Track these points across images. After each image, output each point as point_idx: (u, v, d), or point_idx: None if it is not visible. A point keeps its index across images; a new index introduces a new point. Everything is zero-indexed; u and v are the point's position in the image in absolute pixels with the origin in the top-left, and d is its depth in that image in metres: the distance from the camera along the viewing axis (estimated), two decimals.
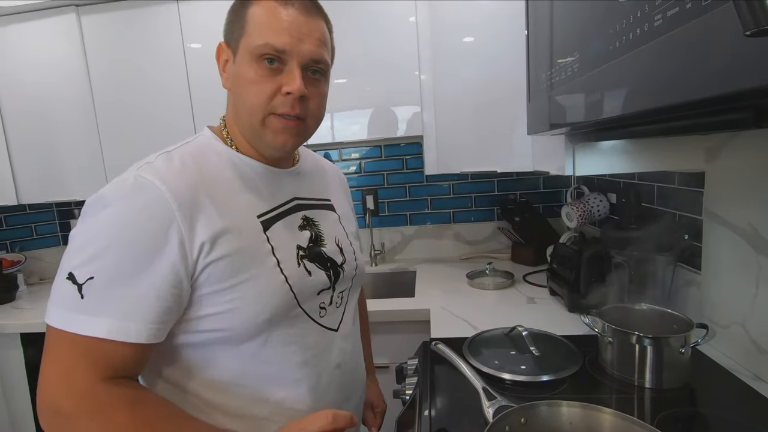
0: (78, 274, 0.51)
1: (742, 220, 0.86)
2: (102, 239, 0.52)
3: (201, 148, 0.64)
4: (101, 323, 0.51)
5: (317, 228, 0.72)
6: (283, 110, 0.61)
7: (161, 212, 0.53)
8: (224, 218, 0.58)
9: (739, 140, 0.87)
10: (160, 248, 0.53)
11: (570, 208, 1.47)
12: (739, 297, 0.88)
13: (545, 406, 0.64)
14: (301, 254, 0.67)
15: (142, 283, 0.52)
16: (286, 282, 0.62)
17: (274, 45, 0.58)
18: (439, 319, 1.27)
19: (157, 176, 0.55)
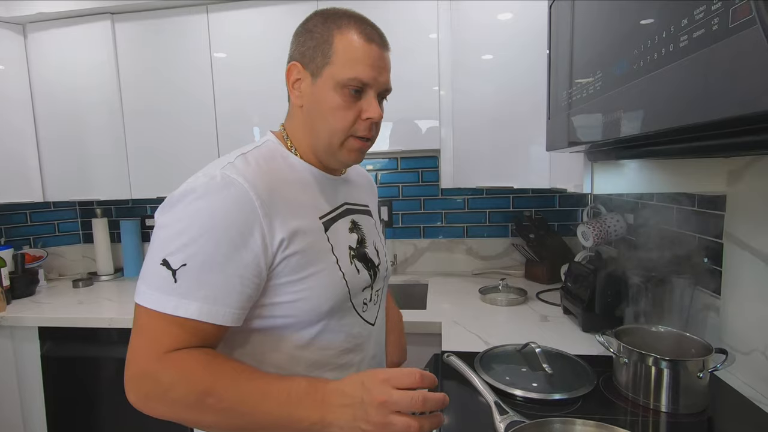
0: (172, 260, 0.57)
1: (765, 245, 0.85)
2: (195, 229, 0.57)
3: (271, 153, 0.70)
4: (193, 306, 0.57)
5: (362, 231, 0.79)
6: (363, 134, 0.70)
7: (248, 208, 0.59)
8: (296, 217, 0.65)
9: (762, 164, 0.86)
10: (246, 240, 0.59)
11: (586, 227, 1.46)
12: (760, 323, 0.86)
13: (559, 423, 0.64)
14: (352, 254, 0.74)
15: (229, 270, 0.58)
16: (343, 278, 0.69)
17: (362, 79, 0.67)
18: (451, 332, 1.27)
19: (240, 175, 0.61)
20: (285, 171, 0.69)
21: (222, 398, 0.56)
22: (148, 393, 0.57)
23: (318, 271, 0.66)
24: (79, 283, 1.96)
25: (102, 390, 1.62)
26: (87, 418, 1.64)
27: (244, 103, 1.73)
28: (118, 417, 1.61)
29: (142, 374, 0.57)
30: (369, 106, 0.68)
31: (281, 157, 0.71)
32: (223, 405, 0.56)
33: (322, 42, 0.67)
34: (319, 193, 0.72)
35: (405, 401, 0.52)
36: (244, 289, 0.60)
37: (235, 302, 0.59)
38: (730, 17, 0.34)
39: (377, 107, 0.69)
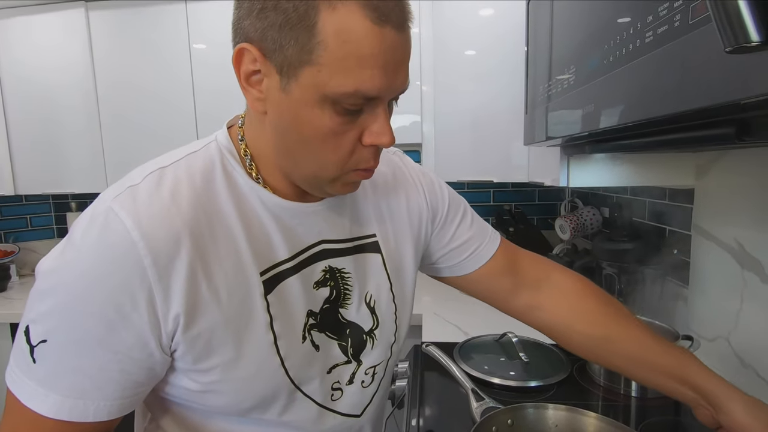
0: (32, 331, 0.41)
1: (729, 237, 0.89)
2: (59, 294, 0.40)
3: (207, 167, 0.47)
4: (50, 399, 0.41)
5: (345, 283, 0.53)
6: (366, 165, 0.46)
7: (129, 270, 0.40)
8: (212, 278, 0.43)
9: (727, 159, 0.89)
10: (125, 315, 0.40)
11: (563, 221, 1.50)
12: (724, 312, 0.90)
13: (532, 409, 0.66)
14: (311, 323, 0.50)
15: (102, 355, 0.41)
16: (281, 365, 0.47)
17: (368, 94, 0.41)
18: (431, 324, 1.29)
19: (132, 215, 0.40)
20: (220, 198, 0.46)
21: None
22: None
23: (236, 357, 0.45)
24: None
25: None
26: None
27: (224, 96, 1.71)
28: None
29: None
30: (377, 125, 0.44)
31: (222, 172, 0.47)
32: None
33: (297, 20, 0.38)
34: (272, 232, 0.48)
35: None
36: (125, 377, 0.42)
37: (113, 393, 0.42)
38: (690, 14, 0.35)
39: (389, 127, 0.44)
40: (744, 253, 0.85)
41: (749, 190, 0.84)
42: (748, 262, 0.84)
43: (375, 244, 0.57)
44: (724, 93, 0.33)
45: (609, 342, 0.63)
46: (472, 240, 0.66)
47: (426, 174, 0.66)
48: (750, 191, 0.84)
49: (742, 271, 0.85)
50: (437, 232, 0.65)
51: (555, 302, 0.67)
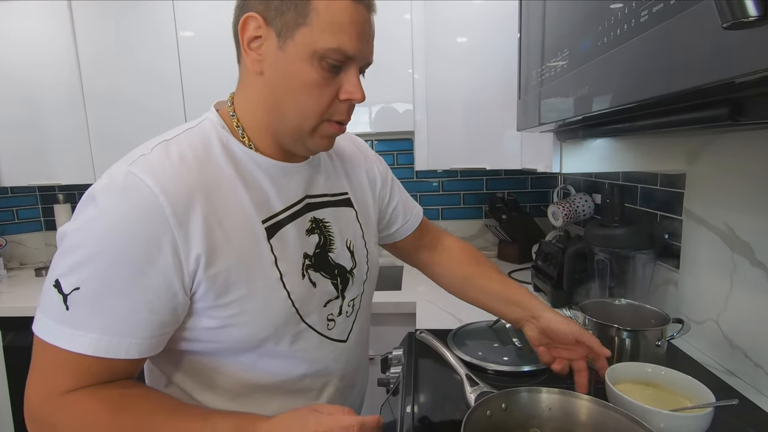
0: (64, 283, 0.47)
1: (720, 221, 0.89)
2: (88, 246, 0.46)
3: (204, 139, 0.56)
4: (87, 339, 0.47)
5: (328, 230, 0.64)
6: (340, 117, 0.57)
7: (155, 219, 0.47)
8: (224, 226, 0.52)
9: (718, 143, 0.90)
10: (152, 259, 0.47)
11: (556, 208, 1.50)
12: (714, 294, 0.91)
13: (525, 392, 0.66)
14: (307, 263, 0.60)
15: (133, 296, 0.47)
16: (288, 298, 0.57)
17: (347, 52, 0.52)
18: (425, 311, 1.29)
19: (150, 175, 0.48)
20: (220, 163, 0.55)
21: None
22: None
23: (250, 293, 0.53)
24: (42, 271, 1.88)
25: None
26: None
27: (213, 83, 1.67)
28: None
29: (35, 419, 0.49)
30: (351, 84, 0.54)
31: (219, 143, 0.56)
32: None
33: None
34: (267, 188, 0.58)
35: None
36: (154, 316, 0.49)
37: (143, 332, 0.49)
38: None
39: (360, 86, 0.55)
40: (734, 237, 0.85)
41: (740, 174, 0.84)
42: (737, 245, 0.85)
43: (348, 200, 0.71)
44: (719, 70, 0.33)
45: (471, 279, 0.86)
46: (407, 211, 0.87)
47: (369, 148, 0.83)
48: (740, 175, 0.84)
49: (732, 254, 0.86)
50: (388, 197, 0.83)
51: (441, 257, 0.91)
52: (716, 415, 0.62)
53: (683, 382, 0.69)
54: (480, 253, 0.94)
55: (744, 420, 0.70)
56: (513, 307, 0.79)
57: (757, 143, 0.80)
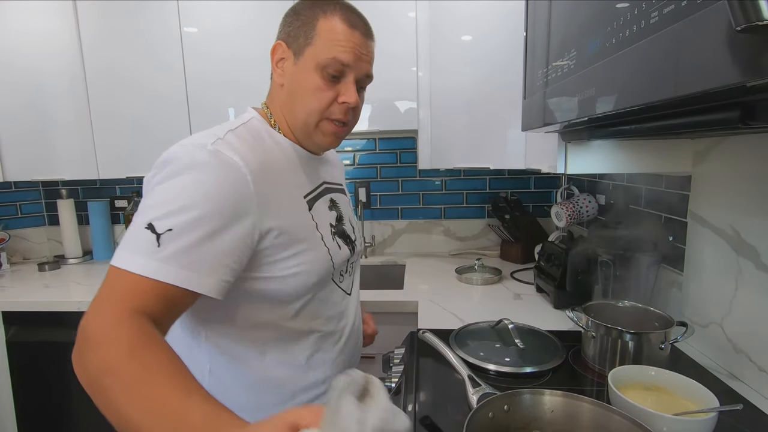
0: (158, 225, 0.55)
1: (725, 224, 0.89)
2: (185, 199, 0.57)
3: (258, 130, 0.72)
4: (176, 272, 0.55)
5: (339, 209, 0.83)
6: (338, 117, 0.72)
7: (242, 186, 0.61)
8: (282, 194, 0.68)
9: (725, 145, 0.89)
10: (238, 216, 0.60)
11: (560, 208, 1.50)
12: (718, 298, 0.91)
13: (528, 395, 0.66)
14: (333, 231, 0.79)
15: (219, 243, 0.58)
16: (328, 253, 0.75)
17: (342, 61, 0.69)
18: (427, 311, 1.29)
19: (236, 153, 0.62)
20: (273, 149, 0.71)
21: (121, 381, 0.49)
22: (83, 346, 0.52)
23: (306, 249, 0.69)
24: (45, 266, 1.89)
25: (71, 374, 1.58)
26: (56, 403, 1.60)
27: (215, 78, 1.67)
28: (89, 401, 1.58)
29: (82, 328, 0.52)
30: (346, 90, 0.70)
31: (267, 134, 0.72)
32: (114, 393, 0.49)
33: (306, 23, 0.70)
34: (302, 171, 0.75)
35: None
36: (231, 263, 0.60)
37: (223, 274, 0.59)
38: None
39: (354, 92, 0.71)
40: (739, 240, 0.85)
41: (746, 176, 0.84)
42: (743, 248, 0.84)
43: (343, 190, 0.91)
44: (731, 74, 0.32)
45: None
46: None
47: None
48: (747, 177, 0.84)
49: (738, 257, 0.85)
50: None
51: None
52: (720, 419, 0.61)
53: (687, 385, 0.69)
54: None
55: (748, 425, 0.69)
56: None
57: (764, 145, 0.79)
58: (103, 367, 0.49)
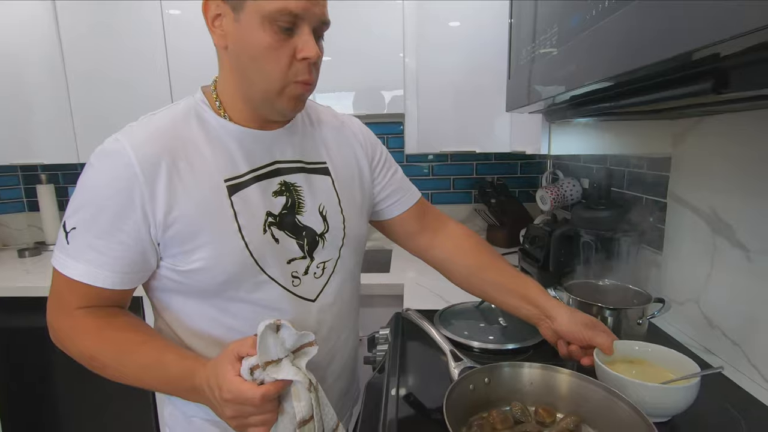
0: (67, 223, 0.60)
1: (703, 203, 0.91)
2: (82, 195, 0.59)
3: (184, 112, 0.65)
4: (78, 267, 0.59)
5: (298, 194, 0.69)
6: (303, 78, 0.60)
7: (126, 176, 0.57)
8: (187, 182, 0.60)
9: (703, 126, 0.90)
10: (126, 208, 0.58)
11: (544, 192, 1.51)
12: (695, 275, 0.93)
13: (508, 367, 0.67)
14: (270, 221, 0.66)
15: (112, 237, 0.59)
16: (246, 248, 0.63)
17: (292, 10, 0.56)
18: (413, 292, 1.30)
19: (129, 140, 0.59)
20: (194, 130, 0.63)
21: (105, 365, 0.61)
22: (55, 341, 0.64)
23: (211, 241, 0.60)
24: (25, 252, 1.85)
25: (54, 359, 1.56)
26: (39, 388, 1.59)
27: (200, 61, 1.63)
28: (71, 385, 1.57)
29: (49, 324, 0.64)
30: (304, 43, 0.58)
31: (195, 115, 0.64)
32: (107, 371, 0.61)
33: None
34: (234, 152, 0.64)
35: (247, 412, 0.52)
36: (125, 254, 0.59)
37: (118, 267, 0.60)
38: None
39: (314, 44, 0.59)
40: (716, 219, 0.87)
41: (723, 155, 0.85)
42: (719, 226, 0.86)
43: (326, 169, 0.74)
44: (704, 36, 0.33)
45: (479, 269, 0.85)
46: (400, 190, 0.85)
47: (368, 130, 0.84)
48: (723, 157, 0.85)
49: (714, 235, 0.87)
50: (376, 176, 0.82)
51: (445, 243, 0.88)
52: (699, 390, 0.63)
53: (669, 356, 0.71)
54: (486, 242, 0.91)
55: (723, 397, 0.72)
56: (524, 303, 0.79)
57: (740, 125, 0.80)
58: (85, 354, 0.61)
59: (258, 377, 0.51)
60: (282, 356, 0.52)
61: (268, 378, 0.51)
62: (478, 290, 0.86)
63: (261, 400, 0.50)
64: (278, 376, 0.51)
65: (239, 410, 0.52)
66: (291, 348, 0.54)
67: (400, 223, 0.87)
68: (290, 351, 0.54)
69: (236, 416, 0.53)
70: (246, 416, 0.52)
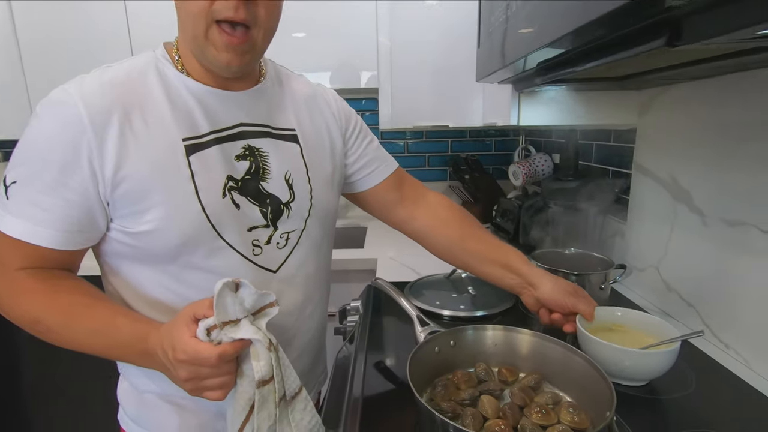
0: (7, 176, 0.56)
1: (664, 171, 0.93)
2: (25, 148, 0.55)
3: (142, 66, 0.60)
4: (17, 224, 0.55)
5: (263, 160, 0.65)
6: (226, 14, 0.54)
7: (73, 128, 0.53)
8: (141, 138, 0.56)
9: (667, 95, 0.92)
10: (72, 162, 0.54)
11: (517, 167, 1.53)
12: (655, 242, 0.96)
13: (472, 330, 0.68)
14: (231, 185, 0.62)
15: (56, 193, 0.54)
16: (202, 211, 0.59)
17: None
18: (386, 266, 1.30)
19: (79, 91, 0.54)
20: (152, 85, 0.59)
21: (50, 328, 0.57)
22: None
23: (164, 201, 0.57)
24: None
25: (20, 337, 1.52)
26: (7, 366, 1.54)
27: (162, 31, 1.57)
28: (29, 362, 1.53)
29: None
30: None
31: (155, 69, 0.60)
32: (52, 336, 0.57)
33: None
34: (194, 110, 0.60)
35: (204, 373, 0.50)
36: (71, 212, 0.55)
37: (61, 225, 0.55)
38: None
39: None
40: (676, 186, 0.89)
41: (684, 124, 0.87)
42: (679, 193, 0.88)
43: (294, 137, 0.70)
44: None
45: (461, 240, 0.84)
46: (376, 160, 0.83)
47: (342, 100, 0.81)
48: (685, 125, 0.87)
49: (674, 202, 0.90)
50: (350, 147, 0.80)
51: (425, 214, 0.86)
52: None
53: (649, 322, 0.72)
54: (467, 212, 0.88)
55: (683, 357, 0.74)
56: (507, 273, 0.79)
57: (700, 93, 0.82)
58: (26, 317, 0.57)
59: (215, 338, 0.49)
60: (241, 316, 0.50)
61: (226, 338, 0.48)
62: (460, 261, 0.85)
63: (218, 359, 0.48)
64: (236, 335, 0.49)
65: (195, 372, 0.49)
66: (251, 308, 0.52)
67: (378, 194, 0.84)
68: (250, 312, 0.52)
69: (191, 378, 0.50)
70: (202, 378, 0.50)
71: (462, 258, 0.84)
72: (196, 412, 0.66)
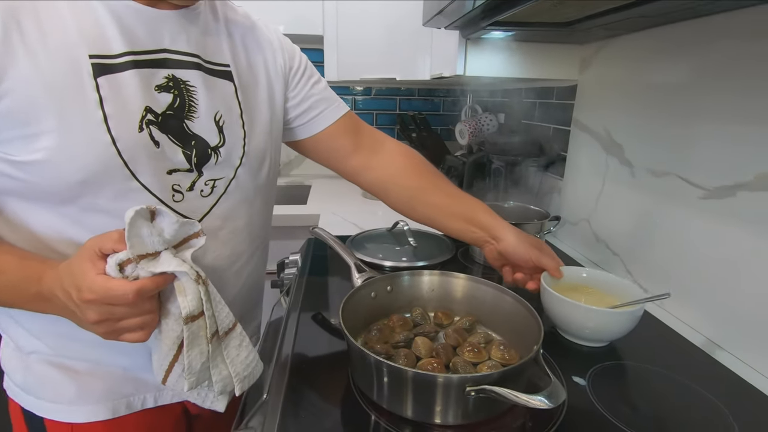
0: None
1: (600, 126, 0.95)
2: None
3: None
4: None
5: (190, 95, 0.57)
6: None
7: None
8: (32, 46, 0.46)
9: (608, 49, 0.93)
10: None
11: (463, 125, 1.52)
12: (588, 196, 1.00)
13: (408, 275, 0.67)
14: (149, 119, 0.54)
15: None
16: (113, 144, 0.50)
17: None
18: (329, 221, 1.27)
19: None
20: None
21: None
22: None
23: (62, 126, 0.48)
24: None
25: None
26: None
27: None
28: None
29: None
30: None
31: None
32: None
33: None
34: (107, 25, 0.51)
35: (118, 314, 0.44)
36: None
37: None
38: None
39: None
40: (609, 140, 0.92)
41: (620, 78, 0.89)
42: (612, 147, 0.91)
43: (228, 73, 0.61)
44: None
45: (422, 192, 0.77)
46: (323, 101, 0.74)
47: (286, 38, 0.73)
48: (621, 80, 0.89)
49: (607, 156, 0.93)
50: (293, 88, 0.72)
51: (383, 163, 0.79)
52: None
53: (614, 282, 0.69)
54: (427, 162, 0.81)
55: None
56: (470, 226, 0.74)
57: (637, 47, 0.83)
58: None
59: (130, 273, 0.42)
60: (160, 248, 0.44)
61: (144, 273, 0.42)
62: (420, 214, 0.78)
63: (135, 296, 0.42)
64: (157, 269, 0.42)
65: (107, 312, 0.43)
66: (172, 240, 0.45)
67: (327, 140, 0.76)
68: (171, 244, 0.45)
69: (104, 320, 0.43)
70: (117, 319, 0.44)
71: (423, 211, 0.78)
72: (97, 376, 0.59)
